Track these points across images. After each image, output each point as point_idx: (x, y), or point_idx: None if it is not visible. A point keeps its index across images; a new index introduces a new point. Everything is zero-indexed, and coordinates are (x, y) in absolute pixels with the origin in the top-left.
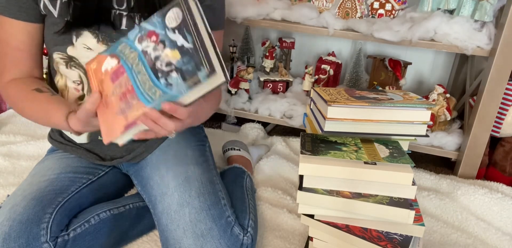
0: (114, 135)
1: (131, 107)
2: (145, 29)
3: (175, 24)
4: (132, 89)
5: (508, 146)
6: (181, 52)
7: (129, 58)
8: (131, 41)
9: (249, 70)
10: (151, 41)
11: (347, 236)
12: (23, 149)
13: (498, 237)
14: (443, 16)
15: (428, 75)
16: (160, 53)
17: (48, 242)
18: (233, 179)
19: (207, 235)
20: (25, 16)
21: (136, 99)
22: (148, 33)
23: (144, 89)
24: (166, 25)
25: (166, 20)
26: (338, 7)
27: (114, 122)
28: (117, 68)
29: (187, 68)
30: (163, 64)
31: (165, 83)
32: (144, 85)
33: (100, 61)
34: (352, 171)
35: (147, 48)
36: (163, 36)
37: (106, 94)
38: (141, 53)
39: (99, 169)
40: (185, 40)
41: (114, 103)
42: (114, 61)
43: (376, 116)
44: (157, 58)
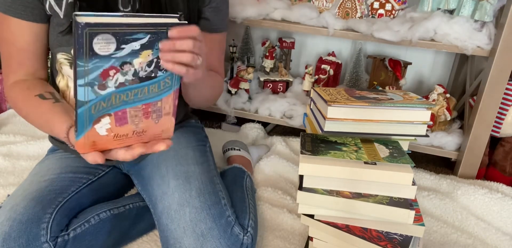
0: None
1: (161, 108)
2: (92, 81)
3: (113, 45)
4: (148, 104)
5: (508, 146)
6: (148, 47)
7: (113, 103)
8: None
9: (249, 70)
10: (113, 77)
11: (347, 236)
12: (23, 149)
13: (498, 237)
14: (443, 16)
15: (428, 75)
16: (133, 69)
17: (48, 242)
18: (233, 179)
19: (207, 235)
20: (30, 16)
21: (159, 101)
22: (101, 76)
23: (157, 93)
24: (106, 56)
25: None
26: (338, 7)
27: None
28: (115, 118)
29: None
30: (145, 68)
31: (163, 71)
32: (152, 91)
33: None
34: (352, 171)
35: (118, 82)
36: (117, 61)
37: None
38: (118, 90)
39: (99, 169)
40: (140, 39)
41: (146, 124)
42: (105, 120)
43: (376, 116)
44: (135, 73)
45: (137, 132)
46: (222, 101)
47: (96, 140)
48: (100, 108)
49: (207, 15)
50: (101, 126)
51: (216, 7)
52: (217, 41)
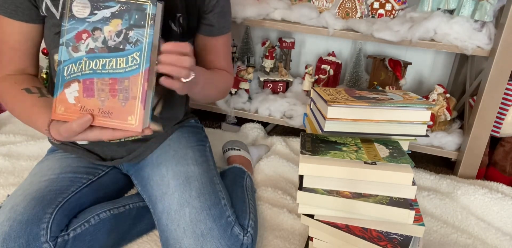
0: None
1: (129, 88)
2: (68, 41)
3: (88, 10)
4: (114, 80)
5: (508, 146)
6: (117, 16)
7: (83, 69)
8: (69, 60)
9: (249, 70)
10: (85, 40)
11: (347, 236)
12: (23, 149)
13: (498, 237)
14: (443, 16)
15: (428, 75)
16: (102, 36)
17: (48, 242)
18: (233, 179)
19: (207, 235)
20: (21, 16)
21: (126, 80)
22: (75, 38)
23: (124, 68)
24: (81, 18)
25: (77, 15)
26: (338, 7)
27: (128, 112)
28: (83, 87)
29: (135, 19)
30: (114, 38)
31: (132, 45)
32: (120, 66)
33: (62, 100)
34: (352, 171)
35: (88, 47)
36: (89, 25)
37: (95, 108)
38: (89, 55)
39: (99, 169)
40: (110, 7)
41: (112, 104)
42: (74, 85)
43: (376, 116)
44: (104, 41)
45: (103, 111)
46: (222, 101)
47: (65, 107)
48: (71, 72)
49: (212, 21)
50: (70, 91)
51: (220, 12)
52: (223, 42)
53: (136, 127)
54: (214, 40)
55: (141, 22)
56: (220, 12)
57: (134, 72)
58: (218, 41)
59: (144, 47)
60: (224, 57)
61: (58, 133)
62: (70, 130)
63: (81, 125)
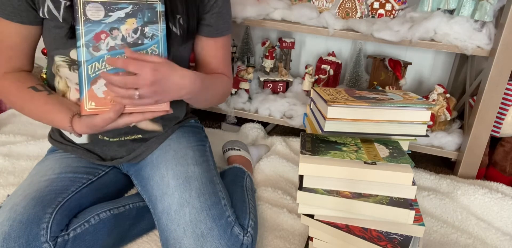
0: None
1: None
2: (88, 42)
3: (102, 12)
4: None
5: (508, 146)
6: (132, 16)
7: (107, 66)
8: (91, 60)
9: (249, 70)
10: (104, 40)
11: (347, 236)
12: (23, 149)
13: (498, 237)
14: (443, 16)
15: (428, 75)
16: (121, 34)
17: (48, 242)
18: (233, 179)
19: (207, 235)
20: (19, 18)
21: None
22: (94, 38)
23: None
24: (96, 21)
25: (92, 18)
26: (338, 7)
27: None
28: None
29: (148, 16)
30: (132, 35)
31: (149, 39)
32: None
33: (92, 96)
34: (352, 171)
35: (109, 45)
36: (106, 26)
37: None
38: (111, 52)
39: (99, 169)
40: (123, 8)
41: None
42: (101, 81)
43: (376, 116)
44: (123, 39)
45: None
46: None
47: (95, 102)
48: (96, 70)
49: (210, 21)
50: (98, 87)
51: (218, 13)
52: (221, 45)
53: (165, 106)
54: (213, 41)
55: (153, 19)
56: (218, 12)
57: None
58: (217, 43)
59: (160, 40)
60: (223, 60)
61: (90, 125)
62: (107, 119)
63: (117, 111)
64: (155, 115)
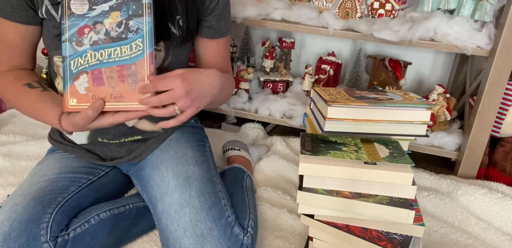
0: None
1: (136, 73)
2: (71, 37)
3: (86, 6)
4: (122, 66)
5: (508, 146)
6: (116, 9)
7: (90, 61)
8: (74, 55)
9: (249, 70)
10: (87, 34)
11: (347, 236)
12: (23, 149)
13: (498, 237)
14: (443, 16)
15: (428, 75)
16: (104, 28)
17: (48, 242)
18: (233, 179)
19: (207, 235)
20: (17, 18)
21: (133, 65)
22: (78, 33)
23: (129, 54)
24: (80, 14)
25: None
26: (338, 7)
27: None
28: (93, 77)
29: (133, 9)
30: (116, 29)
31: (134, 33)
32: (125, 53)
33: (73, 92)
34: (352, 171)
35: (92, 40)
36: (89, 20)
37: (107, 95)
38: (93, 47)
39: (99, 169)
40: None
41: (123, 88)
42: (83, 77)
43: (376, 116)
44: (106, 33)
45: (114, 96)
46: None
47: (77, 98)
48: (78, 65)
49: (212, 23)
50: (80, 83)
51: (219, 14)
52: (223, 45)
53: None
54: (214, 42)
55: (139, 11)
56: (219, 14)
57: (139, 57)
58: (218, 44)
59: (145, 34)
60: (224, 60)
61: (72, 123)
62: (86, 117)
63: (96, 109)
64: (138, 114)
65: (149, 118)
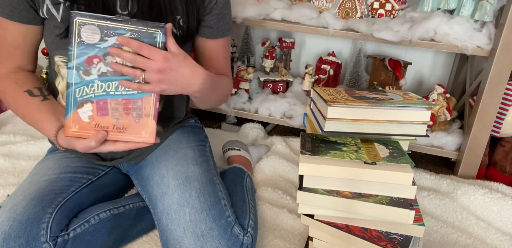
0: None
1: (142, 107)
2: (78, 65)
3: (98, 36)
4: (128, 100)
5: (508, 146)
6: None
7: (96, 91)
8: (80, 83)
9: (249, 70)
10: (96, 65)
11: (347, 236)
12: (23, 149)
13: (498, 237)
14: (443, 16)
15: (428, 75)
16: (114, 61)
17: (48, 242)
18: (233, 179)
19: (207, 235)
20: (18, 17)
21: (140, 100)
22: (86, 62)
23: (137, 90)
24: (91, 44)
25: (87, 41)
26: (338, 7)
27: (141, 128)
28: (97, 107)
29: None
30: (126, 63)
31: None
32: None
33: (76, 119)
34: (352, 171)
35: (100, 71)
36: (99, 51)
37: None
38: (101, 78)
39: (99, 169)
40: (121, 34)
41: (127, 121)
42: (88, 106)
43: (376, 116)
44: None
45: (117, 127)
46: None
47: (79, 126)
48: (83, 94)
49: (211, 23)
50: (83, 111)
51: (219, 14)
52: (222, 46)
53: (149, 139)
54: (213, 42)
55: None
56: (219, 14)
57: (147, 93)
58: (217, 44)
59: None
60: (223, 60)
61: (70, 145)
62: (88, 147)
63: (98, 141)
64: (138, 146)
65: None
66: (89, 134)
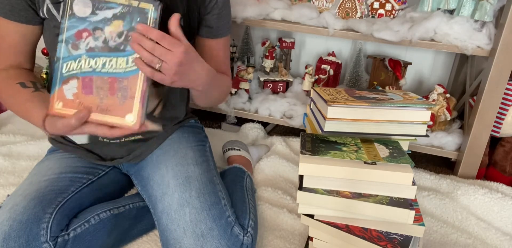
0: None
1: (127, 88)
2: (68, 38)
3: (89, 9)
4: (114, 79)
5: (508, 146)
6: (119, 18)
7: (83, 67)
8: (68, 58)
9: (249, 70)
10: (85, 39)
11: (347, 236)
12: (23, 149)
13: (498, 237)
14: (443, 16)
15: (428, 75)
16: (103, 36)
17: (48, 242)
18: (233, 179)
19: (207, 235)
20: (17, 17)
21: (126, 79)
22: (76, 35)
23: (124, 68)
24: (81, 17)
25: (78, 14)
26: (338, 7)
27: (126, 110)
28: (82, 84)
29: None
30: (115, 38)
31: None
32: (120, 66)
33: (61, 96)
34: (352, 171)
35: (89, 45)
36: (90, 25)
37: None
38: (89, 53)
39: (99, 169)
40: (112, 8)
41: (111, 101)
42: (73, 82)
43: (376, 116)
44: (105, 41)
45: (101, 108)
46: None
47: (63, 102)
48: (70, 69)
49: (210, 23)
50: (68, 87)
51: (218, 14)
52: (222, 45)
53: (134, 124)
54: (212, 42)
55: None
56: (218, 14)
57: (133, 73)
58: (217, 44)
59: None
60: (223, 60)
61: (55, 127)
62: (68, 125)
63: (79, 119)
64: (123, 132)
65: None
66: (72, 113)
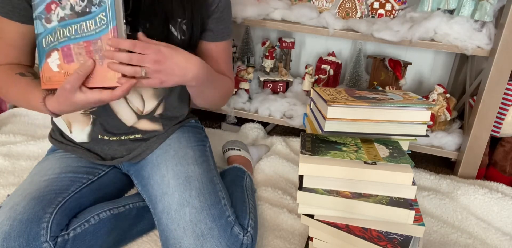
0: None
1: (102, 48)
2: (40, 14)
3: None
4: (88, 42)
5: (508, 146)
6: None
7: (59, 38)
8: (44, 32)
9: (249, 70)
10: (54, 10)
11: (347, 236)
12: (23, 149)
13: (498, 237)
14: (443, 16)
15: (428, 75)
16: (69, 3)
17: (48, 241)
18: (233, 179)
19: (207, 235)
20: (18, 17)
21: (99, 40)
22: (46, 9)
23: (94, 29)
24: None
25: None
26: (338, 7)
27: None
28: (63, 54)
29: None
30: (80, 3)
31: (96, 7)
32: (90, 28)
33: (47, 70)
34: (352, 171)
35: (59, 16)
36: None
37: None
38: (60, 23)
39: (99, 169)
40: None
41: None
42: (54, 54)
43: (376, 116)
44: (71, 8)
45: None
46: None
47: (51, 76)
48: (49, 43)
49: (211, 26)
50: (52, 60)
51: (219, 18)
52: (223, 49)
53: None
54: (213, 45)
55: None
56: (219, 17)
57: (104, 32)
58: (218, 47)
59: (107, 7)
60: (225, 63)
61: (53, 100)
62: (63, 88)
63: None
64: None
65: (149, 119)
66: (60, 84)
